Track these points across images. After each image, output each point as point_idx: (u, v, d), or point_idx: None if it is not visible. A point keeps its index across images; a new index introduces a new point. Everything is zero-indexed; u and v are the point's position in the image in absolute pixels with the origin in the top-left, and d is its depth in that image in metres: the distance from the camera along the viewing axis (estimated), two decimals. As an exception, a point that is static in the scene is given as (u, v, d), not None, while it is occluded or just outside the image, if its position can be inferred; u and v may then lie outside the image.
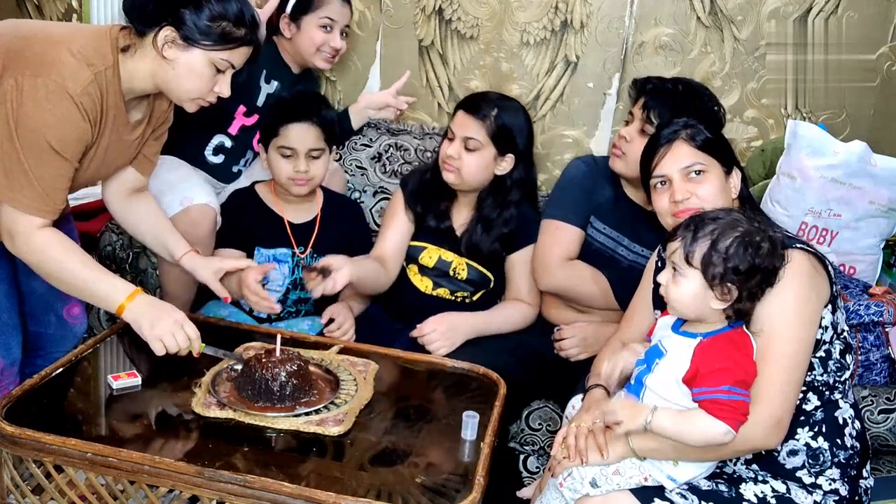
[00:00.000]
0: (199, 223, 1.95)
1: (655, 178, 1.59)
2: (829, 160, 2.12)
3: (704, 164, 1.55)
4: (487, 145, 1.98)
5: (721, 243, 1.32)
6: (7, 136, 1.45)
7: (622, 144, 1.95)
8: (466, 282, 2.08)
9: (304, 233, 2.07)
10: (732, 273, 1.32)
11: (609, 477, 1.41)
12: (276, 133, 1.96)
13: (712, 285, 1.33)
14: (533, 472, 2.00)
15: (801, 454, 1.43)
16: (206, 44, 1.52)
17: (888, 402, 1.88)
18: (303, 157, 1.96)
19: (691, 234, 1.35)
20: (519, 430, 1.98)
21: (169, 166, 2.09)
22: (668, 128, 1.61)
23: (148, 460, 1.30)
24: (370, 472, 1.35)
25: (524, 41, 2.41)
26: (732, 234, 1.33)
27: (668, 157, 1.57)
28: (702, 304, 1.35)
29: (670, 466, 1.40)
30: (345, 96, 2.57)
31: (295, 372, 1.51)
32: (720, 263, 1.32)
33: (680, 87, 1.93)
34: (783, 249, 1.35)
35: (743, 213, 1.39)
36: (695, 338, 1.37)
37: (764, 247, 1.32)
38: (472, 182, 2.02)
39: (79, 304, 1.91)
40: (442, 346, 1.87)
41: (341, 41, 2.24)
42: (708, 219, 1.36)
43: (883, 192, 2.12)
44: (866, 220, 2.15)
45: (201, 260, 1.83)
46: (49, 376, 1.53)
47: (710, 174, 1.55)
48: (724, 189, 1.56)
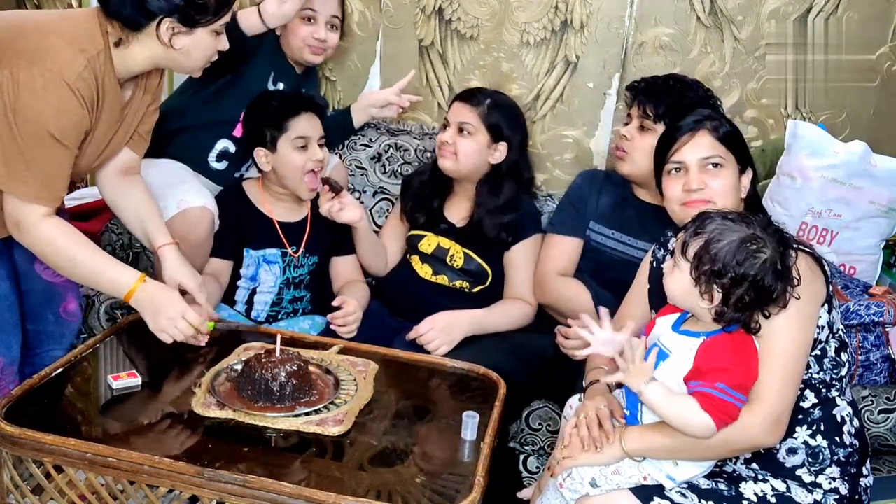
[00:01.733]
0: (196, 225, 1.95)
1: (672, 163, 1.60)
2: (829, 160, 2.12)
3: (723, 157, 1.56)
4: (481, 130, 2.06)
5: (715, 243, 1.31)
6: (6, 128, 1.45)
7: (624, 143, 1.99)
8: (463, 271, 2.09)
9: (295, 232, 2.07)
10: (716, 275, 1.30)
11: (609, 477, 1.41)
12: (285, 128, 1.97)
13: (696, 282, 1.33)
14: (533, 472, 1.99)
15: (800, 452, 1.43)
16: (207, 19, 1.54)
17: (888, 402, 1.88)
18: (315, 144, 2.00)
19: (694, 227, 1.36)
20: (519, 430, 1.98)
21: (166, 169, 2.08)
22: (693, 116, 1.62)
23: (148, 460, 1.30)
24: (370, 472, 1.35)
25: (524, 41, 2.41)
26: (730, 236, 1.31)
27: (689, 145, 1.57)
28: (692, 300, 1.36)
29: (670, 466, 1.40)
30: (345, 96, 2.57)
31: (295, 372, 1.51)
32: (707, 262, 1.31)
33: (671, 81, 1.98)
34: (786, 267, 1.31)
35: (758, 220, 1.35)
36: (697, 337, 1.37)
37: (760, 258, 1.29)
38: (467, 166, 2.07)
39: (75, 300, 1.91)
40: (441, 345, 1.87)
41: (327, 33, 2.22)
42: (717, 216, 1.36)
43: (883, 192, 2.12)
44: (866, 220, 2.15)
45: (175, 261, 1.74)
46: (49, 376, 1.54)
47: (727, 169, 1.56)
48: (735, 186, 1.56)
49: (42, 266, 1.78)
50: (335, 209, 1.98)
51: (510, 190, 2.09)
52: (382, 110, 2.38)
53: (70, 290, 1.89)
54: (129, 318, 1.83)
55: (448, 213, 2.17)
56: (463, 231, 2.11)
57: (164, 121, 2.18)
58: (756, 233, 1.32)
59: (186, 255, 1.93)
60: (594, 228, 2.10)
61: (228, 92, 2.15)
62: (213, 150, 2.17)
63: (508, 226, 2.07)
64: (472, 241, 2.09)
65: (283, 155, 1.99)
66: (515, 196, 2.10)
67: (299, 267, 2.07)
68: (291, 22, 2.18)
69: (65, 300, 1.87)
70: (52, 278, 1.82)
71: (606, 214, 2.09)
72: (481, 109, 2.06)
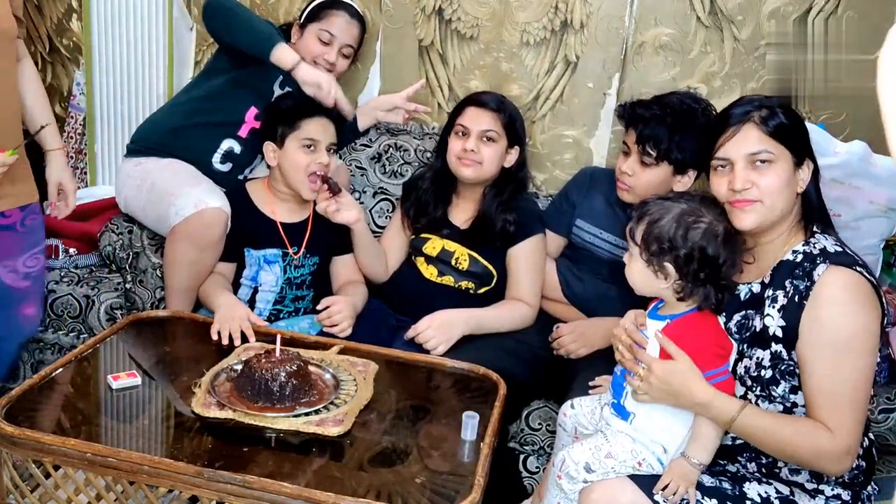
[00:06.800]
0: (212, 227, 1.94)
1: (717, 160, 1.46)
2: (829, 160, 2.12)
3: (773, 153, 1.40)
4: (503, 136, 2.06)
5: (657, 221, 1.40)
6: None
7: (626, 179, 1.93)
8: (468, 273, 2.09)
9: (297, 233, 2.07)
10: (663, 252, 1.39)
11: (602, 461, 1.42)
12: (296, 127, 1.98)
13: (648, 263, 1.41)
14: (533, 472, 1.99)
15: (804, 472, 1.42)
16: None
17: (888, 402, 1.88)
18: (323, 149, 2.00)
19: (637, 213, 1.44)
20: (519, 430, 1.98)
21: (180, 169, 2.09)
22: (741, 107, 1.46)
23: (147, 460, 1.30)
24: (370, 472, 1.35)
25: (524, 41, 2.41)
26: (669, 214, 1.40)
27: (734, 140, 1.43)
28: (652, 283, 1.43)
29: (661, 451, 1.43)
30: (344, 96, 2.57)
31: (295, 372, 1.51)
32: (654, 242, 1.40)
33: (668, 110, 1.87)
34: (729, 236, 1.39)
35: (697, 195, 1.46)
36: (662, 321, 1.44)
37: (699, 227, 1.38)
38: (488, 174, 2.07)
39: (33, 304, 1.90)
40: (439, 343, 1.87)
41: (339, 58, 2.22)
42: (657, 200, 1.45)
43: (883, 192, 2.12)
44: (866, 220, 2.14)
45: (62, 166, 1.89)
46: (49, 376, 1.54)
47: (777, 165, 1.40)
48: (790, 182, 1.41)
49: (4, 269, 1.79)
50: (331, 209, 1.98)
51: (514, 189, 2.11)
52: (388, 114, 2.37)
53: (31, 294, 1.89)
54: (130, 318, 1.83)
55: (452, 216, 2.15)
56: (468, 233, 2.10)
57: (168, 119, 2.18)
58: (693, 206, 1.41)
59: (199, 255, 1.95)
60: (582, 227, 2.12)
61: (235, 92, 2.14)
62: (218, 151, 2.15)
63: (513, 222, 2.07)
64: (477, 242, 2.09)
65: (288, 152, 1.99)
66: (518, 195, 2.12)
67: (300, 267, 2.07)
68: (308, 37, 2.20)
69: (23, 304, 1.87)
70: (13, 282, 1.82)
71: (595, 214, 2.11)
72: (502, 116, 2.05)
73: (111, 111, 2.72)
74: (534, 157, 2.43)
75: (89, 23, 2.64)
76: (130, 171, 2.14)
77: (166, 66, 2.65)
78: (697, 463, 1.37)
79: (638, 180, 1.90)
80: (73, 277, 2.31)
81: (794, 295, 1.36)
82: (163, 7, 2.60)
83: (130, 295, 2.22)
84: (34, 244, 1.84)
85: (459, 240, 2.11)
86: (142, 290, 2.21)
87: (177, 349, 1.77)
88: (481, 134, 2.03)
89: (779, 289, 1.40)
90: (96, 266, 2.41)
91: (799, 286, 1.36)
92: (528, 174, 2.21)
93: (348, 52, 2.26)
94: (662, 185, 1.89)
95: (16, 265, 1.80)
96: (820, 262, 1.35)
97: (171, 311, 1.93)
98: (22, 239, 1.80)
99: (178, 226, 1.94)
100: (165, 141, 2.13)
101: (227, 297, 1.91)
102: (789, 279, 1.38)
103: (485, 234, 2.07)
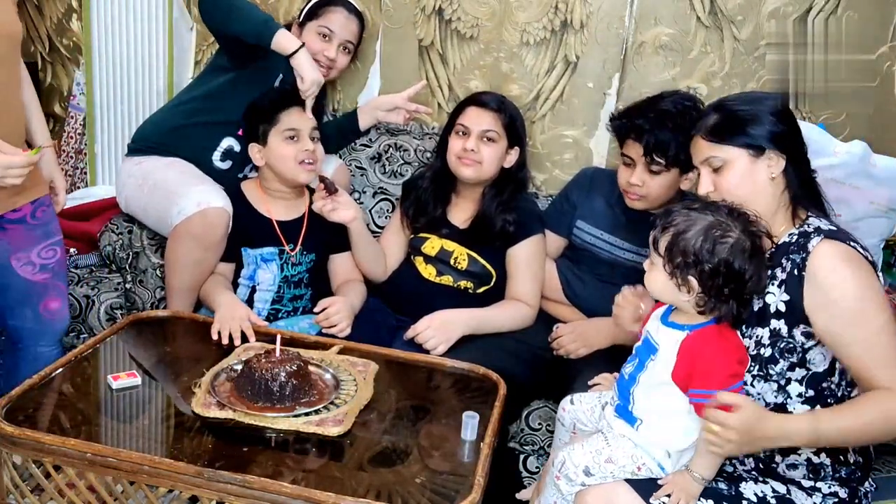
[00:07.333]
0: (214, 226, 1.95)
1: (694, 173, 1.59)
2: (829, 160, 2.12)
3: (719, 156, 1.45)
4: (503, 136, 2.06)
5: (683, 234, 1.35)
6: None
7: (636, 191, 1.93)
8: (467, 273, 2.09)
9: (293, 230, 2.08)
10: (688, 266, 1.34)
11: (602, 465, 1.42)
12: (276, 121, 2.00)
13: (672, 276, 1.36)
14: (533, 472, 1.99)
15: (801, 468, 1.42)
16: None
17: (888, 402, 1.88)
18: (307, 136, 2.00)
19: (661, 223, 1.39)
20: (519, 430, 1.98)
21: (183, 168, 2.09)
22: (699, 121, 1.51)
23: (148, 460, 1.30)
24: (370, 472, 1.35)
25: (524, 41, 2.41)
26: (696, 226, 1.35)
27: (692, 152, 1.53)
28: (673, 294, 1.39)
29: (663, 455, 1.41)
30: (344, 96, 2.57)
31: (295, 372, 1.51)
32: (679, 254, 1.35)
33: (667, 115, 1.85)
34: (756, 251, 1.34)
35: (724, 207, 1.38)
36: (682, 330, 1.39)
37: (727, 242, 1.33)
38: (488, 174, 2.07)
39: (57, 299, 1.89)
40: (439, 343, 1.87)
41: (339, 54, 2.23)
42: (682, 209, 1.39)
43: (883, 192, 2.12)
44: (866, 220, 2.14)
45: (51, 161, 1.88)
46: (49, 376, 1.54)
47: (728, 166, 1.44)
48: (747, 176, 1.43)
49: (19, 262, 1.79)
50: (327, 208, 1.98)
51: (513, 190, 2.11)
52: (389, 114, 2.37)
53: (52, 288, 1.87)
54: (130, 318, 1.83)
55: (451, 216, 2.16)
56: (467, 233, 2.11)
57: (169, 118, 2.18)
58: (720, 219, 1.35)
59: (201, 255, 1.95)
60: (583, 228, 2.12)
61: (235, 90, 2.14)
62: (218, 149, 2.16)
63: (513, 222, 2.07)
64: (476, 242, 2.09)
65: (273, 148, 2.00)
66: (518, 195, 2.12)
67: (297, 265, 2.07)
68: (307, 35, 2.20)
69: (45, 298, 1.86)
70: (31, 276, 1.81)
71: (596, 215, 2.11)
72: (502, 116, 2.05)
73: (111, 111, 2.72)
74: (534, 157, 2.43)
75: (89, 23, 2.64)
76: (131, 170, 2.14)
77: (166, 66, 2.65)
78: (700, 478, 1.36)
79: (649, 189, 1.91)
80: (73, 277, 2.30)
81: (793, 269, 1.38)
82: (163, 7, 2.60)
83: (130, 295, 2.22)
84: (47, 235, 1.83)
85: (458, 239, 2.10)
86: (142, 290, 2.21)
87: (177, 349, 1.77)
88: (481, 134, 2.04)
89: (777, 266, 1.41)
90: (96, 266, 2.40)
91: (795, 259, 1.38)
92: (527, 174, 2.21)
93: (349, 48, 2.26)
94: (672, 186, 1.92)
95: (30, 257, 1.79)
96: (814, 237, 1.38)
97: (171, 311, 1.93)
98: (34, 230, 1.80)
99: (180, 225, 1.94)
100: (166, 140, 2.13)
101: (227, 297, 1.91)
102: (785, 256, 1.40)
103: (484, 233, 2.07)
